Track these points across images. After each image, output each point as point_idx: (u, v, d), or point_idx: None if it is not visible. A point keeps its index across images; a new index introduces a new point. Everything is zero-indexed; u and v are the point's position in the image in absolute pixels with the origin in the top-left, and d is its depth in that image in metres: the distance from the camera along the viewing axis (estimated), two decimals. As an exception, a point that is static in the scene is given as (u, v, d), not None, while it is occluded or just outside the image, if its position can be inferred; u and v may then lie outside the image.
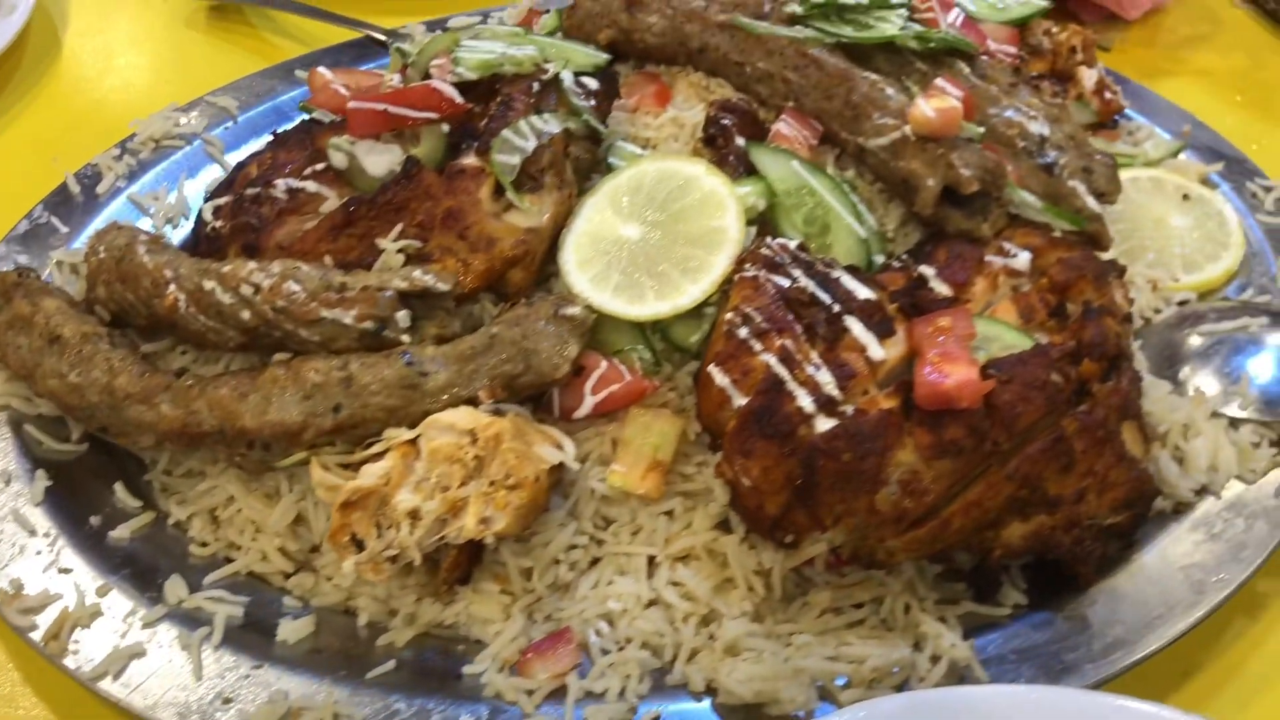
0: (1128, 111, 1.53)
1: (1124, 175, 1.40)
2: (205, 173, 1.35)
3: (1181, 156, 1.48)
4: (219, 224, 1.15)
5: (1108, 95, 1.48)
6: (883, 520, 0.95)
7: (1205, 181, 1.44)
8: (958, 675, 0.95)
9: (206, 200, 1.18)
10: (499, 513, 0.94)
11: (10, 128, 1.54)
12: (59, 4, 1.77)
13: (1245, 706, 1.03)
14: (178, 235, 1.28)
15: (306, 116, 1.22)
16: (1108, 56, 1.81)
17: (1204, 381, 1.19)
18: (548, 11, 1.51)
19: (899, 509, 0.94)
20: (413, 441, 0.97)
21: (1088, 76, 1.48)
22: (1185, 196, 1.39)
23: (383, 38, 1.55)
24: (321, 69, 1.27)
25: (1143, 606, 1.00)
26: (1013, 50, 1.40)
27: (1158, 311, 1.27)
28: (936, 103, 1.12)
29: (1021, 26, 1.46)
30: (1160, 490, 1.05)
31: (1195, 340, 1.23)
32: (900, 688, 0.94)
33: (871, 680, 0.93)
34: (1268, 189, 1.43)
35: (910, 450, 0.95)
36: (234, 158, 1.36)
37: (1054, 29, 1.48)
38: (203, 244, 1.16)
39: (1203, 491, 1.09)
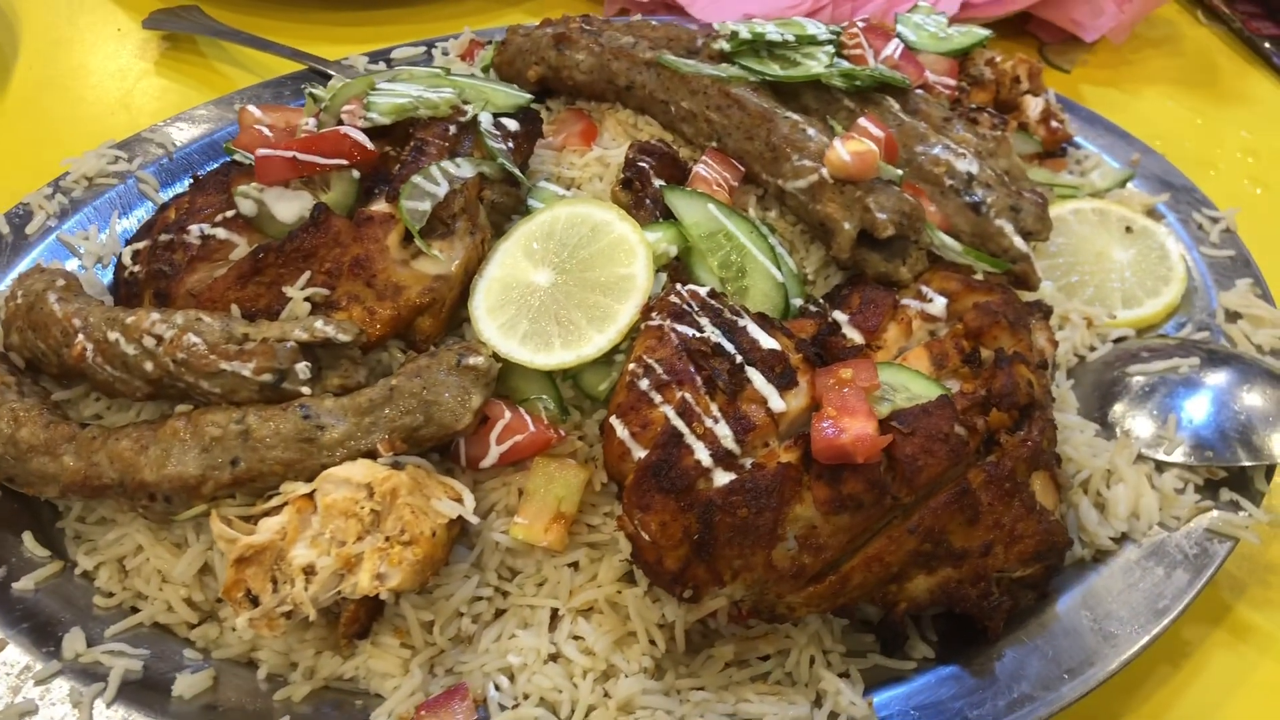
0: (1076, 139, 1.52)
1: (1067, 206, 1.39)
2: (139, 211, 1.35)
3: (1129, 186, 1.47)
4: (136, 269, 1.14)
5: (1054, 124, 1.47)
6: (781, 576, 0.93)
7: (1152, 213, 1.42)
8: (857, 734, 0.94)
9: (126, 244, 1.18)
10: (394, 569, 0.94)
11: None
12: (10, 34, 1.77)
13: (1162, 759, 1.02)
14: (109, 275, 1.28)
15: (230, 158, 1.22)
16: (1066, 79, 1.80)
17: (1136, 423, 1.17)
18: (489, 43, 1.51)
19: (797, 565, 0.93)
20: (309, 496, 0.96)
21: (1032, 105, 1.46)
22: (1128, 229, 1.38)
23: (325, 69, 1.55)
24: (250, 107, 1.26)
25: (1054, 661, 0.98)
26: (952, 82, 1.38)
27: (1093, 349, 1.26)
28: (853, 146, 1.10)
29: (964, 57, 1.45)
30: (1072, 542, 1.04)
31: (1129, 380, 1.21)
32: (797, 748, 0.93)
33: (762, 727, 0.92)
34: (1214, 220, 1.41)
35: (808, 505, 0.93)
36: (168, 194, 1.36)
37: (997, 58, 1.46)
38: (121, 289, 1.16)
39: (1123, 539, 1.08)
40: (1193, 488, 1.11)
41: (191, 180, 1.21)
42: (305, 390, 1.00)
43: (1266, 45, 1.81)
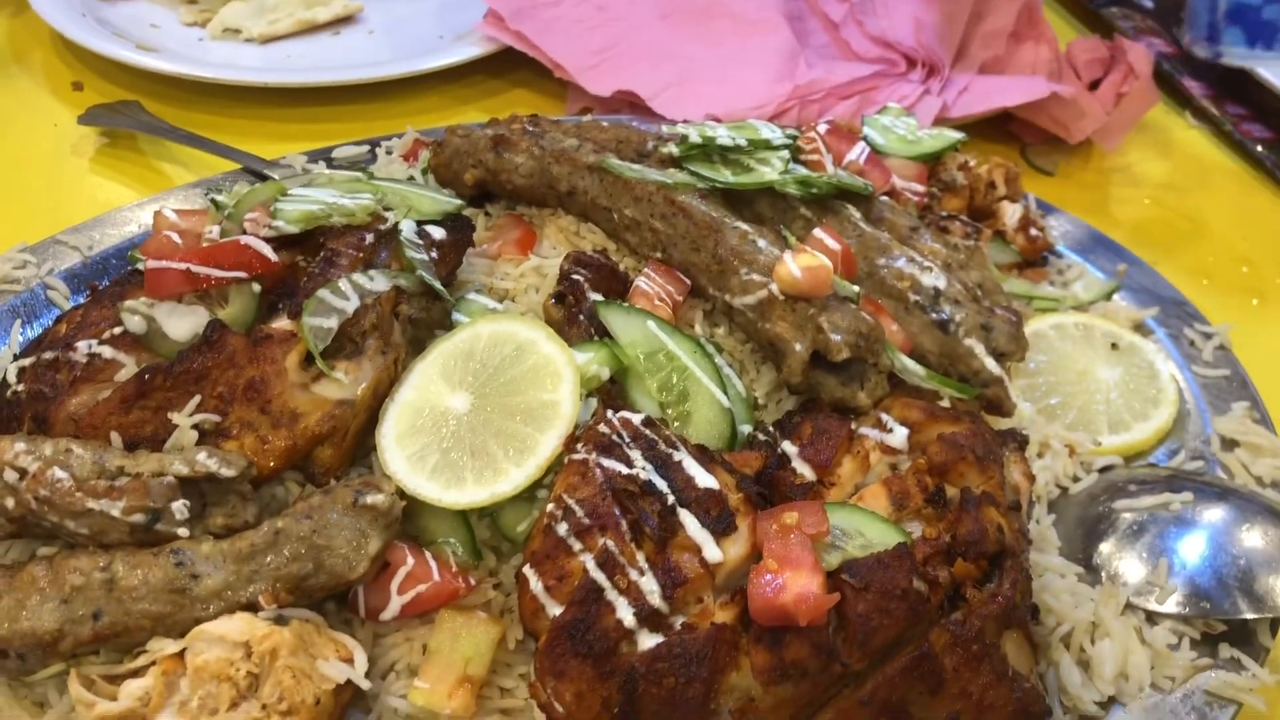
0: (1058, 248, 1.43)
1: (1048, 321, 1.30)
2: (46, 320, 1.25)
3: (1116, 298, 1.37)
4: (20, 388, 1.04)
5: (1033, 232, 1.37)
6: (716, 760, 0.81)
7: (1140, 328, 1.33)
8: None
9: (14, 360, 1.08)
10: (270, 745, 0.82)
11: None
12: (-62, 127, 1.70)
13: None
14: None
15: (133, 266, 1.12)
16: (1050, 183, 1.71)
17: (1124, 566, 1.06)
18: (434, 143, 1.42)
19: (733, 743, 0.81)
20: (179, 655, 0.85)
21: (1010, 212, 1.37)
22: (1114, 346, 1.28)
23: (261, 169, 1.46)
24: (166, 210, 1.16)
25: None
26: (920, 188, 1.30)
27: (1076, 479, 1.15)
28: (804, 261, 1.01)
29: (935, 161, 1.36)
30: (1050, 711, 0.91)
31: (1116, 517, 1.10)
32: None
33: None
34: (1208, 336, 1.31)
35: (746, 673, 0.82)
36: (78, 303, 1.27)
37: (971, 162, 1.38)
38: (3, 409, 1.05)
39: (1110, 703, 0.96)
40: (1188, 643, 0.99)
41: (89, 291, 1.12)
42: (182, 532, 0.89)
43: (1259, 149, 1.73)
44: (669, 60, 1.68)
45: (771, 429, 1.03)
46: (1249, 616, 1.00)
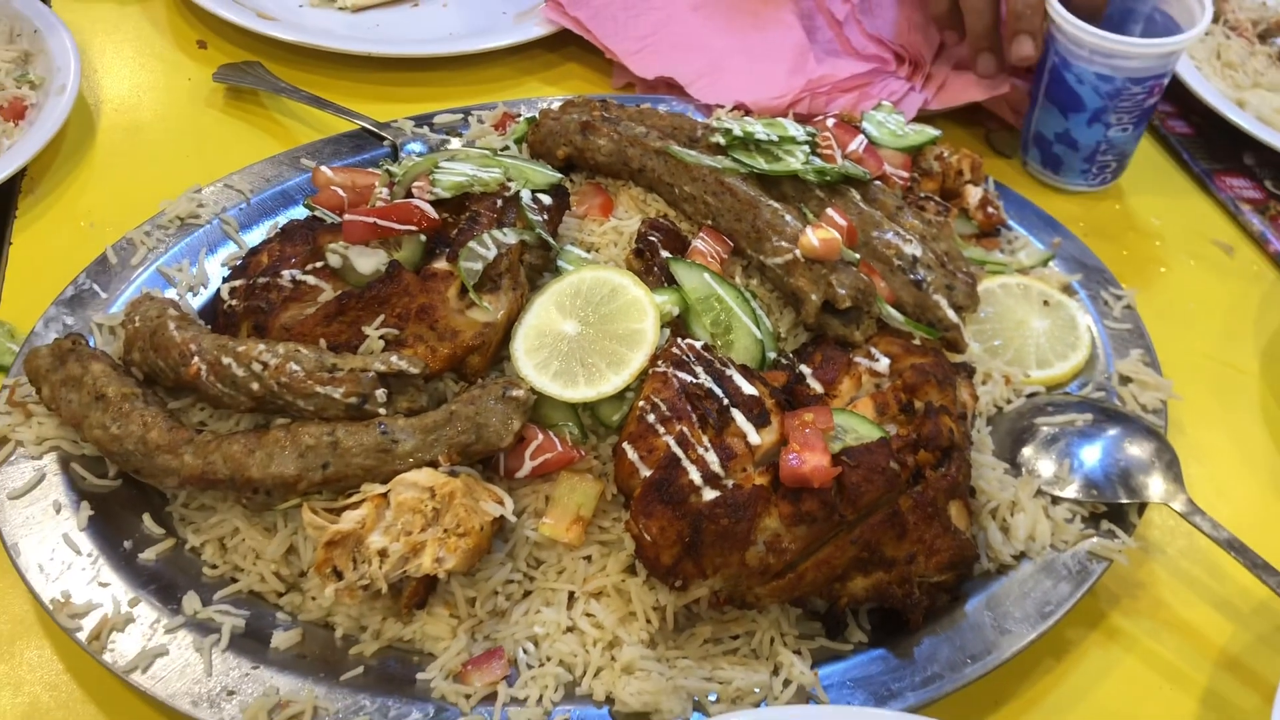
0: (1009, 223, 1.80)
1: (996, 281, 1.67)
2: (223, 250, 1.60)
3: (1050, 265, 1.75)
4: (234, 303, 1.40)
5: (990, 210, 1.75)
6: (751, 572, 1.20)
7: (1067, 289, 1.70)
8: (805, 697, 1.20)
9: (224, 281, 1.43)
10: (450, 554, 1.20)
11: (59, 201, 1.79)
12: (93, 85, 2.02)
13: (1043, 730, 1.29)
14: (198, 302, 1.53)
15: (309, 213, 1.48)
16: (1006, 164, 2.07)
17: (1040, 465, 1.44)
18: (519, 115, 1.78)
19: (764, 563, 1.20)
20: (384, 495, 1.22)
21: (973, 194, 1.74)
22: (1045, 302, 1.65)
23: (376, 131, 1.81)
24: (324, 169, 1.51)
25: (961, 648, 1.25)
26: (905, 174, 1.67)
27: (1009, 402, 1.53)
28: (821, 234, 1.38)
29: (917, 152, 1.73)
30: (979, 556, 1.31)
31: (1037, 429, 1.49)
32: (758, 704, 1.19)
33: (735, 698, 1.18)
34: (1118, 297, 1.70)
35: (775, 518, 1.20)
36: (247, 236, 1.61)
37: (945, 153, 1.75)
38: (220, 319, 1.41)
39: (1021, 557, 1.35)
40: (1080, 519, 1.38)
41: (279, 230, 1.47)
42: (382, 411, 1.27)
43: (1177, 143, 2.11)
44: (702, 50, 2.02)
45: (791, 356, 1.41)
46: (1124, 502, 1.39)
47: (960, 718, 1.29)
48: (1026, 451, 1.45)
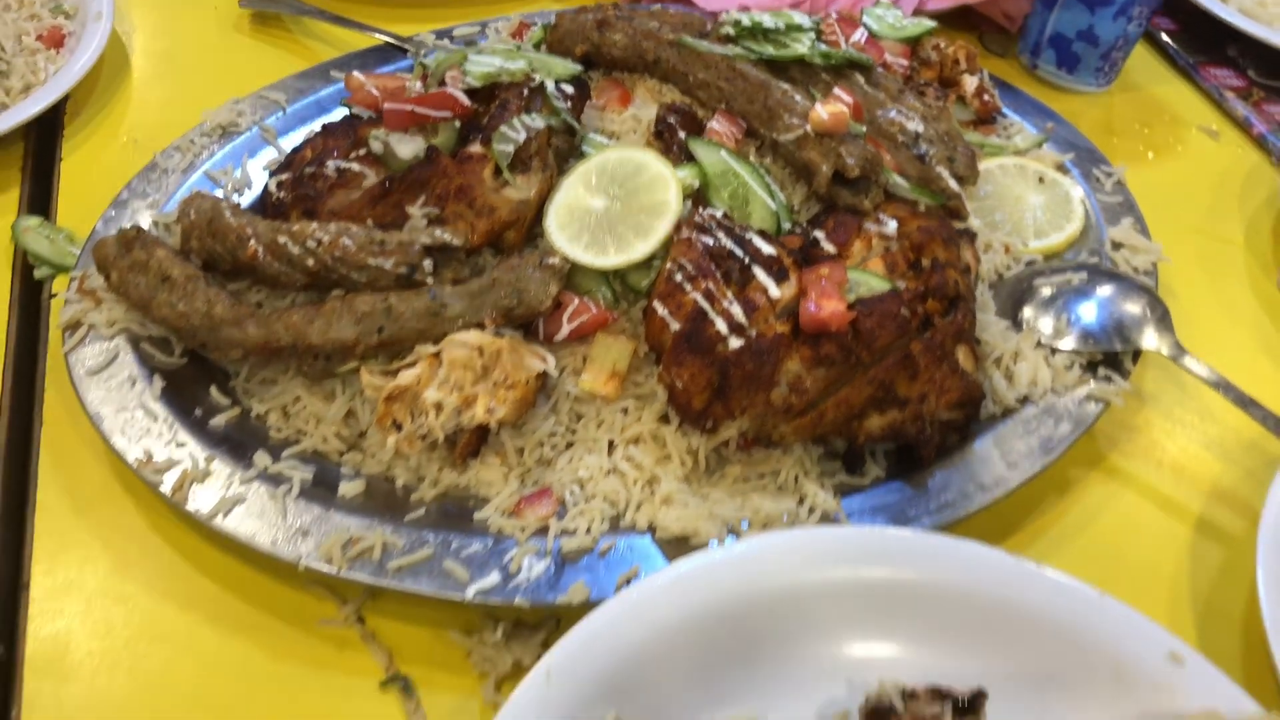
0: (1004, 110, 1.90)
1: (993, 162, 1.77)
2: (262, 154, 1.70)
3: (1044, 147, 1.84)
4: (282, 195, 1.49)
5: (985, 98, 1.84)
6: (776, 412, 1.31)
7: (1060, 168, 1.80)
8: (829, 522, 1.31)
9: (271, 176, 1.53)
10: (500, 405, 1.30)
11: (104, 123, 1.88)
12: (123, 14, 2.11)
13: (1048, 556, 1.39)
14: (243, 203, 1.63)
15: (348, 111, 1.58)
16: (1001, 61, 2.17)
17: (1040, 322, 1.54)
18: (535, 25, 1.87)
19: (788, 403, 1.30)
20: (437, 354, 1.32)
21: (969, 83, 1.84)
22: (1041, 179, 1.75)
23: (399, 44, 1.90)
24: (356, 73, 1.61)
25: (970, 480, 1.36)
26: (904, 63, 1.76)
27: (1009, 269, 1.64)
28: (830, 108, 1.48)
29: (915, 43, 1.82)
30: (985, 395, 1.41)
31: (1036, 289, 1.59)
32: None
33: (765, 523, 1.29)
34: (1109, 174, 1.79)
35: (796, 361, 1.31)
36: (285, 141, 1.71)
37: (942, 44, 1.84)
38: (269, 211, 1.51)
39: (1024, 400, 1.45)
40: (1078, 366, 1.48)
41: (320, 126, 1.57)
42: (429, 280, 1.37)
43: (1164, 37, 2.20)
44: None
45: (804, 224, 1.52)
46: (1119, 350, 1.50)
47: (972, 547, 1.39)
48: (1027, 311, 1.55)
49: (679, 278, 1.35)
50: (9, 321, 1.56)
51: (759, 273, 1.35)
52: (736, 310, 1.32)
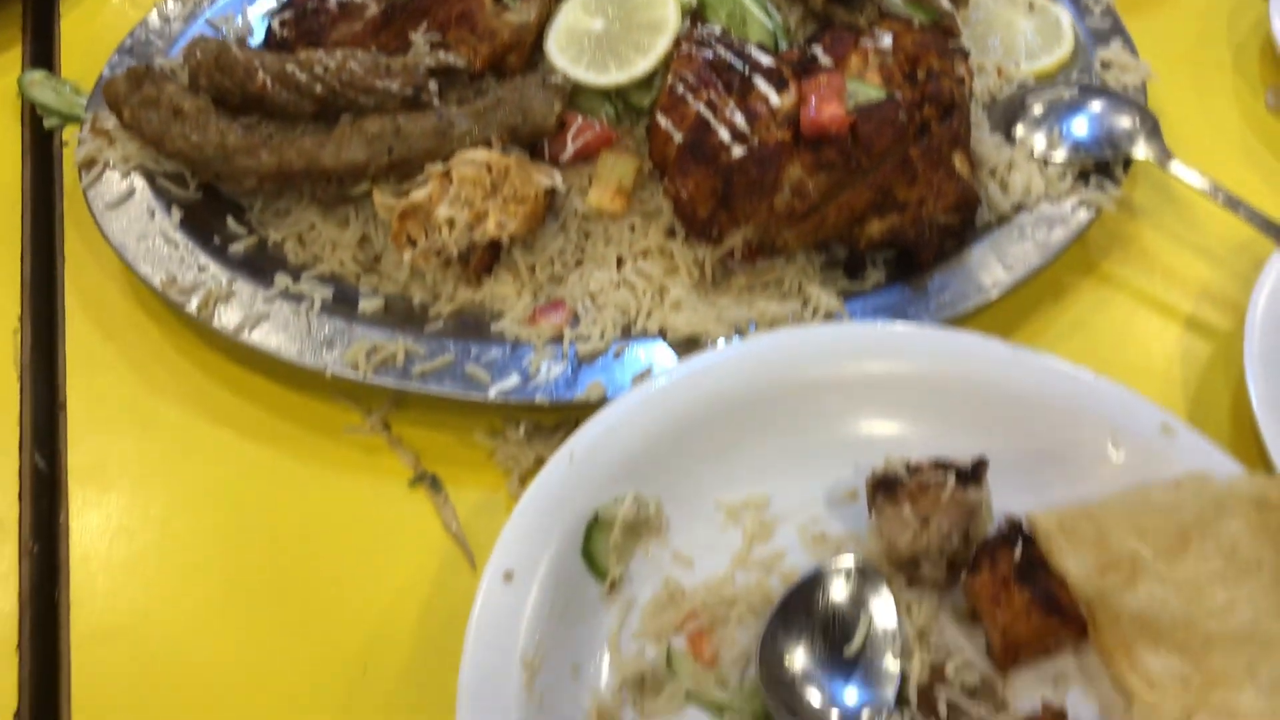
0: (993, -57, 1.91)
1: (986, -10, 1.79)
2: (261, 1, 1.71)
3: (1033, -24, 1.86)
4: (285, 33, 1.51)
5: (976, -72, 1.85)
6: (779, 217, 1.35)
7: (1050, -5, 1.83)
8: (833, 321, 1.36)
9: (273, 17, 1.55)
10: (510, 219, 1.34)
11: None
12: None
13: (1043, 354, 1.44)
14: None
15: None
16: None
17: (1033, 137, 1.57)
18: None
19: (790, 208, 1.34)
20: (446, 172, 1.36)
21: (959, -87, 1.85)
22: (1030, 5, 1.77)
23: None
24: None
25: (968, 282, 1.40)
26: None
27: (1002, 90, 1.66)
28: (823, -75, 1.50)
29: None
30: (980, 200, 1.45)
31: (1029, 106, 1.62)
32: (793, 330, 1.35)
33: (772, 323, 1.33)
34: (1097, 2, 1.82)
35: (798, 167, 1.34)
36: (281, -9, 1.73)
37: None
38: (273, 49, 1.53)
39: (1019, 208, 1.49)
40: (1071, 176, 1.52)
41: (319, -31, 1.59)
42: (436, 102, 1.40)
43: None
44: None
45: (801, 43, 1.54)
46: (1109, 158, 1.54)
47: (971, 349, 1.44)
48: (1019, 127, 1.59)
49: (680, 90, 1.38)
50: (23, 170, 1.59)
51: (759, 82, 1.38)
52: (739, 119, 1.35)
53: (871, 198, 1.36)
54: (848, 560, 1.14)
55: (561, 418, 1.31)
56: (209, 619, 1.17)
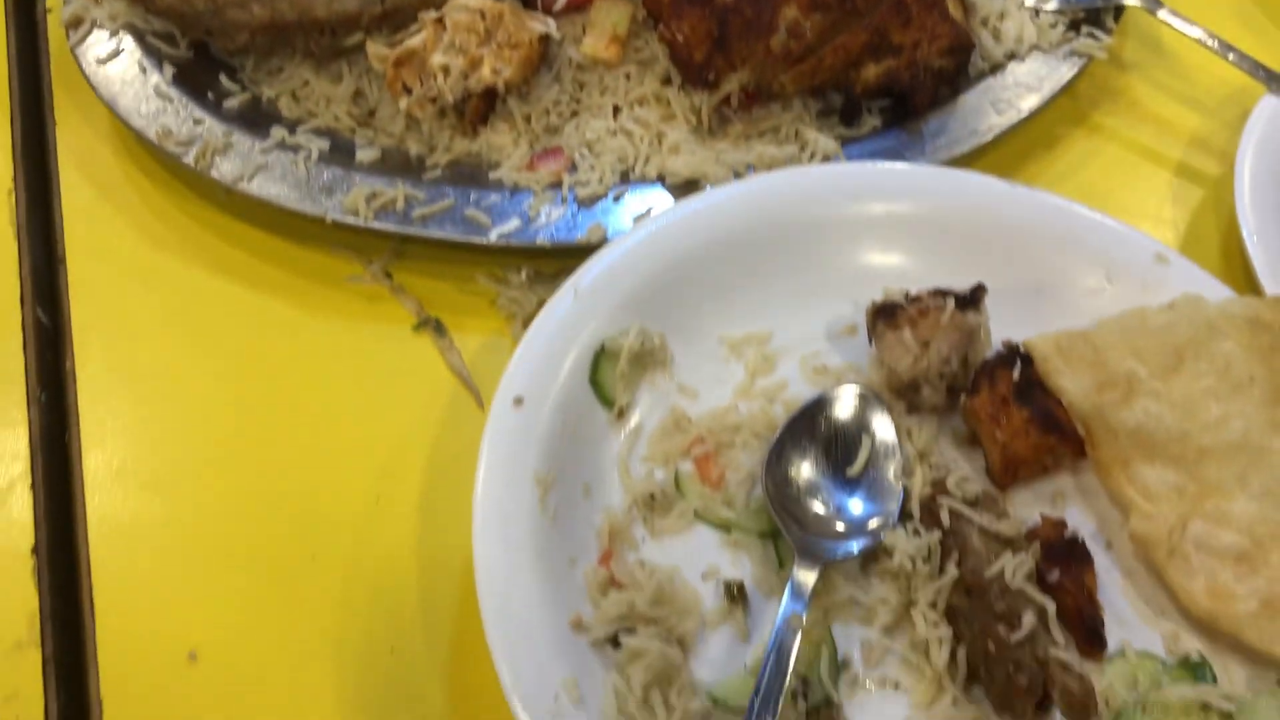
0: None
1: None
2: None
3: None
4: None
5: None
6: (775, 60, 1.35)
7: None
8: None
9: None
10: (506, 65, 1.34)
11: None
12: None
13: (1036, 200, 1.46)
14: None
15: None
16: None
17: (1023, -9, 1.59)
18: None
19: (787, 49, 1.34)
20: (440, 19, 1.35)
21: None
22: None
23: None
24: None
25: (963, 126, 1.41)
26: None
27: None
28: None
29: None
30: (974, 44, 1.45)
31: (1019, -37, 1.62)
32: (790, 173, 1.36)
33: (770, 165, 1.34)
34: None
35: (794, 8, 1.34)
36: None
37: None
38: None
39: (1011, 56, 1.50)
40: (1062, 25, 1.53)
41: None
42: (427, -50, 1.39)
43: None
44: None
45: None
46: (1099, 4, 1.55)
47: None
48: (1012, -18, 1.59)
49: (675, -57, 1.37)
50: (7, 34, 1.57)
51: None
52: None
53: (867, 40, 1.37)
54: (850, 388, 1.16)
55: (561, 265, 1.31)
56: (219, 456, 1.18)
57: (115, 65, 1.40)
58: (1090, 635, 1.04)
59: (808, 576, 1.04)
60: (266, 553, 1.12)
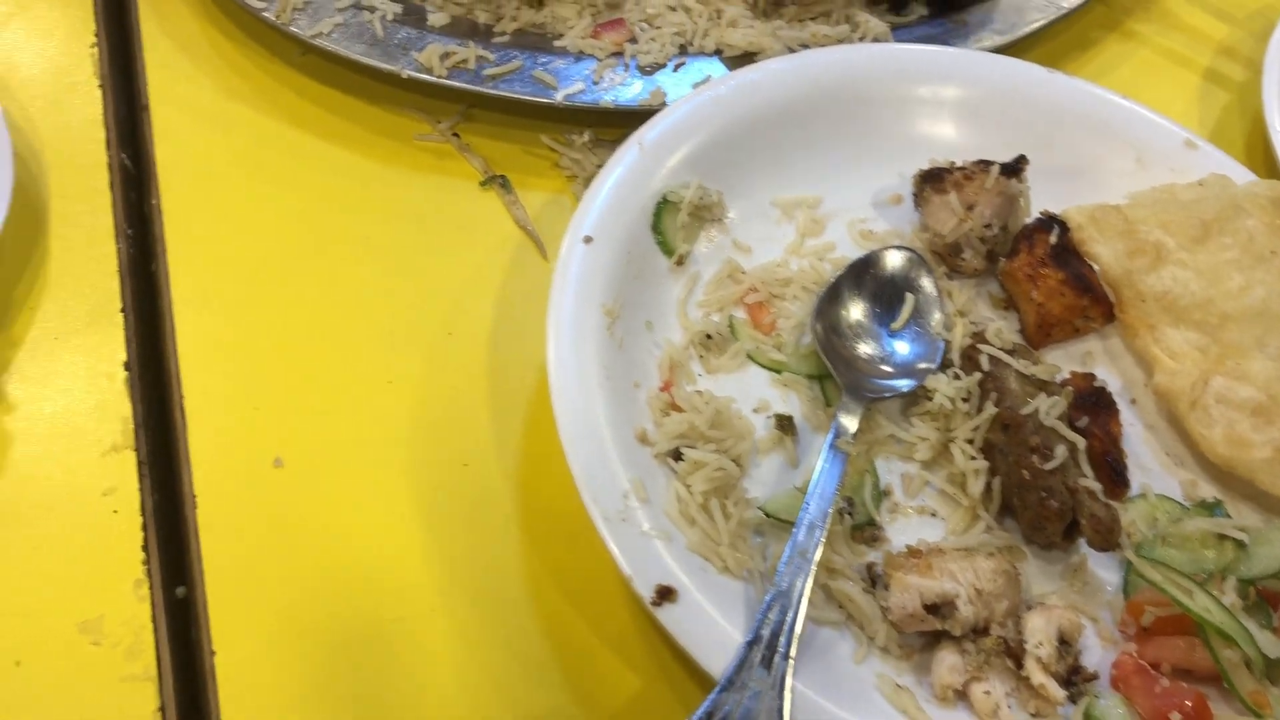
0: None
1: None
2: None
3: None
4: None
5: None
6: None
7: None
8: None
9: None
10: (575, -63, 1.40)
11: None
12: None
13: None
14: None
15: None
16: None
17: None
18: None
19: (843, -66, 1.41)
20: (513, -108, 1.41)
21: None
22: None
23: None
24: None
25: (1004, 18, 1.48)
26: None
27: None
28: None
29: None
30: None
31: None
32: (842, 52, 1.42)
33: (824, 43, 1.41)
34: None
35: (850, -105, 1.41)
36: None
37: None
38: None
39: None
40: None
41: None
42: None
43: None
44: None
45: None
46: (1140, -85, 1.62)
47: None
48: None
49: None
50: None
51: None
52: None
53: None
54: (896, 248, 1.23)
55: (621, 131, 1.37)
56: (298, 284, 1.24)
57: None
58: (1115, 475, 1.12)
59: (853, 413, 1.11)
60: (345, 377, 1.19)
